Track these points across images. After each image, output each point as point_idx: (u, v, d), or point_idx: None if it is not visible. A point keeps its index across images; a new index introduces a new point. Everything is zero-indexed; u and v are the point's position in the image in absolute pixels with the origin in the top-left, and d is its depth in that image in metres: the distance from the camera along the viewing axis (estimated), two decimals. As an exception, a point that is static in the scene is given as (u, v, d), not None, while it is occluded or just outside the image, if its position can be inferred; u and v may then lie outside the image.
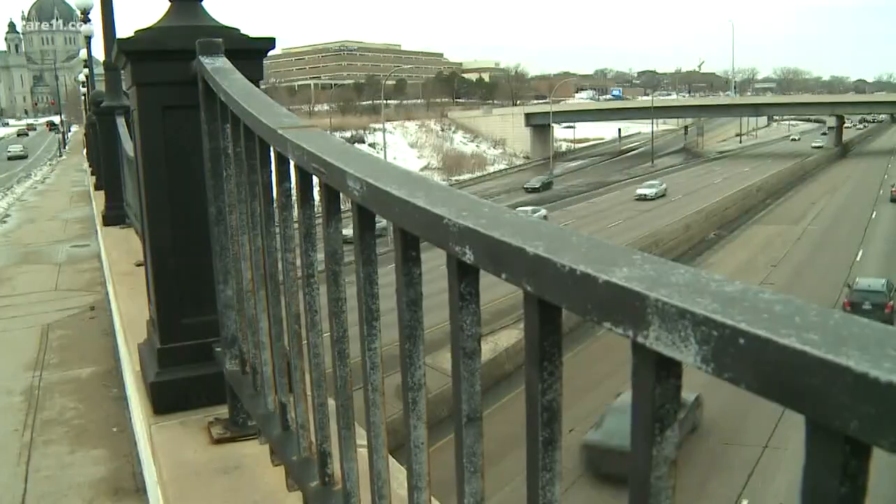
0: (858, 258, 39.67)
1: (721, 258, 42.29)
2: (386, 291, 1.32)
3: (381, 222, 1.35)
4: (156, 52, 2.98)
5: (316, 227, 1.83)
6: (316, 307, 1.85)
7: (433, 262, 1.47)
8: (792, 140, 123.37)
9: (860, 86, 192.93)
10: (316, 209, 1.77)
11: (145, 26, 3.07)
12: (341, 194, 1.50)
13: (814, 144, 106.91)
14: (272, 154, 2.00)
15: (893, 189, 60.91)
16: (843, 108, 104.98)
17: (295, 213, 1.89)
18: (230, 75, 2.53)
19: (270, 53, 3.22)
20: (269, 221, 2.19)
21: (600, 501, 18.18)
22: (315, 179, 1.65)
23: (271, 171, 2.06)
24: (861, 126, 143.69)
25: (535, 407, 0.87)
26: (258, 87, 2.76)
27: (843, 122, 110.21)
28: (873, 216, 51.27)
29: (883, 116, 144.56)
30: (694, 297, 0.64)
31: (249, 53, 2.98)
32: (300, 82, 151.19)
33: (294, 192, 1.86)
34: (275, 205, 2.11)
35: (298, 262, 1.91)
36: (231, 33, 2.99)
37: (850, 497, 0.56)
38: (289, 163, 1.84)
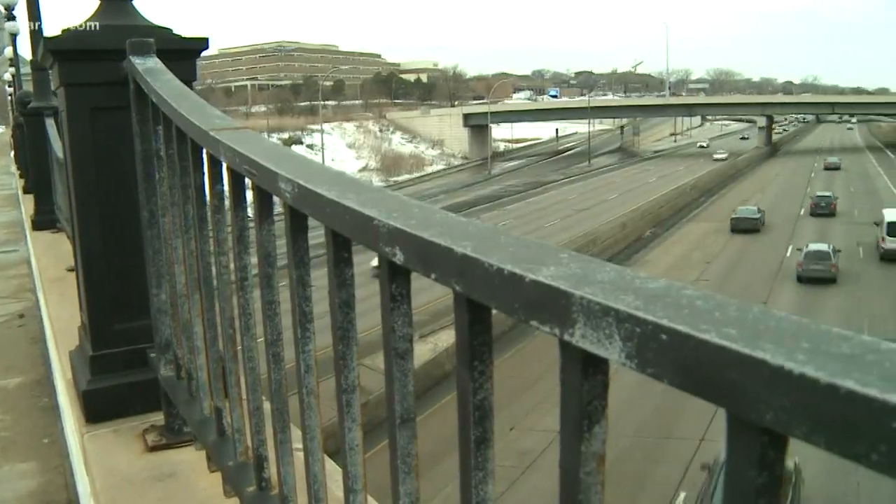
0: (789, 254, 40.68)
1: (657, 255, 42.97)
2: (322, 295, 1.31)
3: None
4: (85, 52, 2.92)
5: (249, 230, 1.81)
6: (250, 310, 1.83)
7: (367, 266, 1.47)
8: (700, 147, 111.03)
9: (788, 87, 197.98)
10: (250, 211, 1.75)
11: (74, 24, 3.00)
12: (274, 196, 1.49)
13: (715, 156, 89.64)
14: (205, 156, 1.97)
15: (826, 161, 79.32)
16: (772, 109, 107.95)
17: (228, 215, 1.87)
18: (162, 76, 2.49)
19: (206, 54, 3.18)
20: (202, 224, 2.16)
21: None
22: (248, 181, 1.63)
23: (204, 174, 2.04)
24: (781, 130, 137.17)
25: (466, 406, 0.87)
26: (191, 88, 2.72)
27: (773, 122, 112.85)
28: (801, 213, 52.64)
29: (809, 117, 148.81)
30: (618, 295, 0.65)
31: (182, 54, 2.93)
32: (237, 83, 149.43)
33: (227, 194, 1.84)
34: (208, 207, 2.09)
35: (232, 265, 1.89)
36: (163, 33, 2.94)
37: (767, 486, 0.58)
38: (221, 165, 1.82)
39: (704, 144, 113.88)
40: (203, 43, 3.02)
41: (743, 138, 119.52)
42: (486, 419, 0.88)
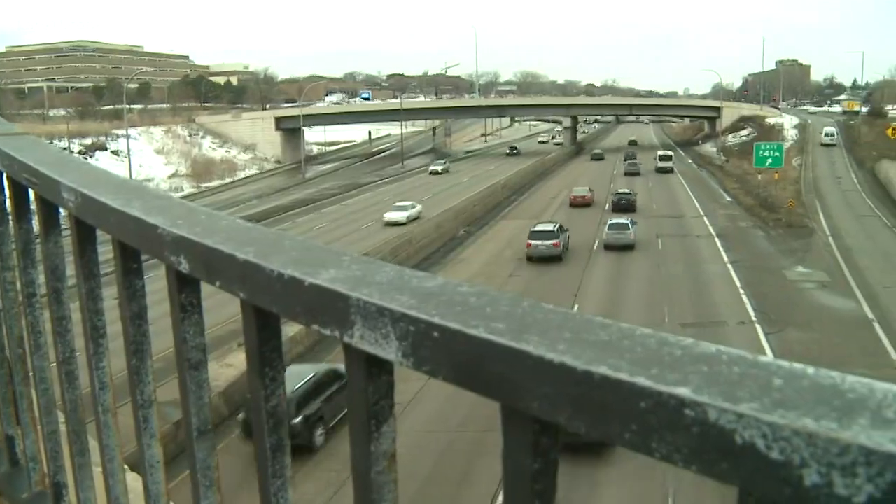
0: (595, 247, 42.77)
1: (472, 253, 43.89)
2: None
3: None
4: None
5: (36, 244, 1.71)
6: (40, 328, 1.73)
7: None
8: (432, 172, 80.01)
9: (590, 89, 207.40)
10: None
11: None
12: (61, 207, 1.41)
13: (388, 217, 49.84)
14: (-17, 165, 1.84)
15: (629, 140, 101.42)
16: (577, 110, 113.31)
17: (11, 228, 1.76)
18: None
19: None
20: (-17, 239, 2.02)
21: None
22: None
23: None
24: (583, 131, 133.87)
25: (260, 414, 0.86)
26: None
27: (577, 122, 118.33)
28: (607, 208, 55.49)
29: (609, 118, 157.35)
30: (394, 295, 0.67)
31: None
32: (31, 84, 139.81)
33: (8, 205, 1.72)
34: (-12, 220, 1.95)
35: (18, 281, 1.78)
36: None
37: (542, 472, 0.61)
38: (1, 174, 1.71)
39: (439, 169, 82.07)
40: (-19, 43, 2.82)
41: (512, 149, 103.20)
42: (281, 426, 0.87)
